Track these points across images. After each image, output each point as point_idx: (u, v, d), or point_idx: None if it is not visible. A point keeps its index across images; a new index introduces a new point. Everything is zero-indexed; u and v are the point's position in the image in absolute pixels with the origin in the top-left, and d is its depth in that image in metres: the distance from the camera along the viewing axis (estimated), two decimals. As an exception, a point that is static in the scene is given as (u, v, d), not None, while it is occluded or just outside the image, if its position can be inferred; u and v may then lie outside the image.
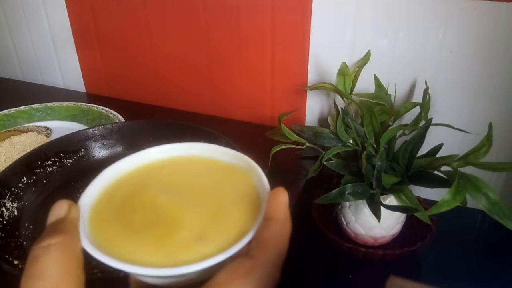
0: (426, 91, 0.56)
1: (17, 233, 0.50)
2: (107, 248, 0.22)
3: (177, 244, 0.22)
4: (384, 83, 0.63)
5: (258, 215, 0.23)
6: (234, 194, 0.25)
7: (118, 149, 0.64)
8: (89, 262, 0.21)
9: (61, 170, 0.60)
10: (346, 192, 0.51)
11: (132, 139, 0.64)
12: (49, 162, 0.59)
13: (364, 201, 0.52)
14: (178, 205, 0.24)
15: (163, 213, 0.24)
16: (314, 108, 0.73)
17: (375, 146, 0.54)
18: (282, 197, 0.23)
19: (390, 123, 0.58)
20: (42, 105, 0.81)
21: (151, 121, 0.65)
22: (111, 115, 0.74)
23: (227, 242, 0.21)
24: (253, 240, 0.22)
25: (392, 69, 0.64)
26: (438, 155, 0.53)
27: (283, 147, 0.61)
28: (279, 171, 0.63)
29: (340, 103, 0.65)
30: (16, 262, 0.44)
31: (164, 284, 0.24)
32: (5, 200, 0.52)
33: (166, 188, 0.26)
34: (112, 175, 0.27)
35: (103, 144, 0.64)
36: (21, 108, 0.80)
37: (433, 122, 0.53)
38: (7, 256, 0.44)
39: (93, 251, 0.21)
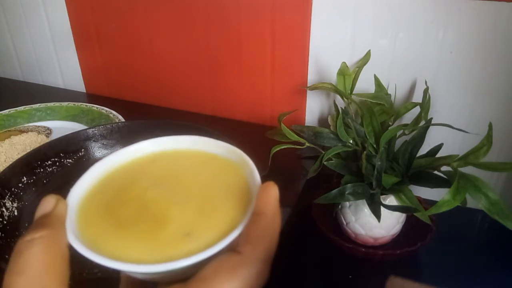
0: (426, 91, 0.56)
1: (17, 233, 0.50)
2: (93, 244, 0.21)
3: (165, 240, 0.22)
4: (384, 83, 0.63)
5: (247, 210, 0.22)
6: (225, 188, 0.25)
7: (118, 149, 0.63)
8: (89, 262, 0.21)
9: (61, 170, 0.60)
10: (346, 192, 0.51)
11: (132, 139, 0.63)
12: (49, 162, 0.59)
13: (364, 201, 0.52)
14: (167, 199, 0.24)
15: (152, 208, 0.23)
16: (314, 108, 0.73)
17: (375, 146, 0.54)
18: (273, 191, 0.22)
19: (390, 123, 0.58)
20: (42, 105, 0.81)
21: (151, 121, 0.65)
22: (111, 115, 0.74)
23: (215, 238, 0.21)
24: (242, 235, 0.21)
25: (392, 69, 0.64)
26: (438, 155, 0.53)
27: (283, 147, 0.61)
28: (279, 171, 0.63)
29: (340, 103, 0.65)
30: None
31: (151, 279, 0.24)
32: (5, 200, 0.52)
33: (156, 182, 0.25)
34: (103, 169, 0.26)
35: (103, 144, 0.64)
36: (21, 108, 0.80)
37: (433, 122, 0.53)
38: (7, 256, 0.44)
39: (79, 246, 0.21)
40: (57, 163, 0.60)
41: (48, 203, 0.22)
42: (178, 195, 0.24)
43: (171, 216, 0.23)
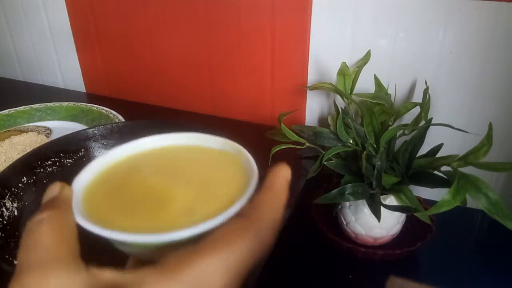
0: (426, 91, 0.56)
1: (17, 233, 0.50)
2: (100, 224, 0.22)
3: (168, 217, 0.22)
4: (384, 83, 0.63)
5: (247, 189, 0.23)
6: (223, 173, 0.26)
7: (118, 149, 0.64)
8: (85, 253, 0.21)
9: (61, 170, 0.60)
10: (346, 192, 0.51)
11: (132, 139, 0.64)
12: (49, 162, 0.59)
13: (364, 201, 0.52)
14: (169, 184, 0.25)
15: (155, 191, 0.24)
16: (314, 108, 0.73)
17: (375, 146, 0.54)
18: (284, 171, 0.24)
19: (390, 123, 0.58)
20: (42, 105, 0.81)
21: (151, 121, 0.65)
22: (111, 115, 0.74)
23: (218, 212, 0.22)
24: (248, 204, 0.22)
25: (392, 69, 0.64)
26: (438, 155, 0.53)
27: (283, 147, 0.61)
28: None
29: (340, 103, 0.65)
30: (16, 262, 0.44)
31: (150, 255, 0.24)
32: (5, 200, 0.52)
33: (157, 171, 0.27)
34: (105, 162, 0.27)
35: (103, 144, 0.64)
36: (21, 108, 0.80)
37: (433, 122, 0.53)
38: (7, 256, 0.44)
39: (85, 223, 0.21)
40: (57, 163, 0.60)
41: (53, 189, 0.23)
42: (179, 180, 0.25)
43: (174, 197, 0.24)
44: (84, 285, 0.18)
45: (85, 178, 0.26)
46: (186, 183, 0.25)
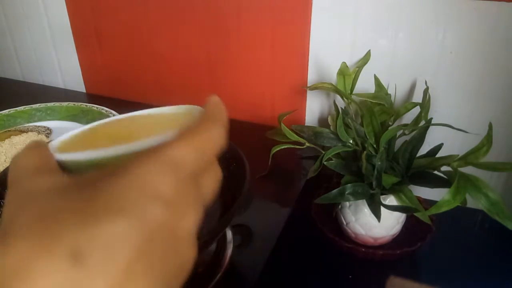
0: (426, 91, 0.56)
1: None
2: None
3: None
4: (384, 83, 0.63)
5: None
6: (182, 120, 0.29)
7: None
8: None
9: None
10: (346, 192, 0.51)
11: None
12: (49, 162, 0.59)
13: (364, 201, 0.52)
14: (133, 131, 0.29)
15: (120, 136, 0.28)
16: (314, 108, 0.73)
17: (375, 146, 0.54)
18: (215, 97, 0.27)
19: (390, 123, 0.58)
20: (42, 105, 0.81)
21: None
22: (111, 115, 0.74)
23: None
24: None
25: (392, 69, 0.64)
26: (438, 155, 0.53)
27: (283, 147, 0.61)
28: (279, 171, 0.63)
29: (340, 103, 0.65)
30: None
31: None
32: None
33: (122, 127, 0.31)
34: (74, 132, 0.31)
35: (103, 144, 0.64)
36: (21, 108, 0.80)
37: (433, 122, 0.53)
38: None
39: (61, 155, 0.24)
40: (57, 163, 0.60)
41: (30, 143, 0.25)
42: (141, 129, 0.30)
43: (138, 134, 0.26)
44: (69, 181, 0.20)
45: (57, 141, 0.29)
46: (149, 129, 0.29)
